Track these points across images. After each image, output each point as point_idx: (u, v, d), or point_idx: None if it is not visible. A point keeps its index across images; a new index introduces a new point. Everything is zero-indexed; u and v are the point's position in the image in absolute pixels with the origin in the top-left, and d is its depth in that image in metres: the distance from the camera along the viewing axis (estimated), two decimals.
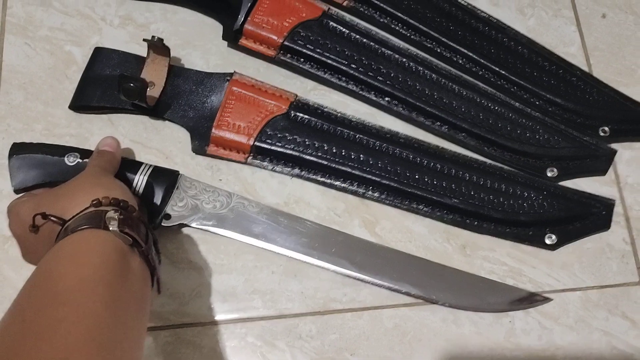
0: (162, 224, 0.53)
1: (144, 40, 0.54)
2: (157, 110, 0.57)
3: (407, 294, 0.52)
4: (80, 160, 0.53)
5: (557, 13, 0.62)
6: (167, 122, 0.57)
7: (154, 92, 0.56)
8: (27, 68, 0.59)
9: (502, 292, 0.53)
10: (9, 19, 0.60)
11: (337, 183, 0.55)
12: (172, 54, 0.56)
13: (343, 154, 0.55)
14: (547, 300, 0.53)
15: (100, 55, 0.58)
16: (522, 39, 0.60)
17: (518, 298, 0.53)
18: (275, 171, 0.56)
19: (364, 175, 0.55)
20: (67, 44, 0.60)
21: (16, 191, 0.54)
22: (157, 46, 0.55)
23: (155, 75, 0.56)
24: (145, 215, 0.52)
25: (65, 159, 0.53)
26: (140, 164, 0.53)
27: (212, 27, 0.61)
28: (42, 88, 0.58)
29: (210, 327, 0.52)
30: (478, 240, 0.55)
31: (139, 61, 0.57)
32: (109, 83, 0.56)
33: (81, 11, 0.61)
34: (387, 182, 0.54)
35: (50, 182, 0.53)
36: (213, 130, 0.55)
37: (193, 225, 0.53)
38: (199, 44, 0.60)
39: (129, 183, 0.52)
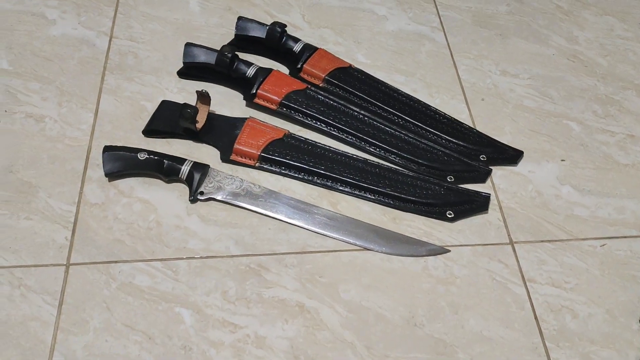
0: (198, 197, 0.82)
1: (196, 91, 0.89)
2: (199, 136, 0.89)
3: (356, 244, 0.80)
4: (148, 156, 0.83)
5: (453, 97, 0.99)
6: (204, 144, 0.89)
7: (198, 125, 0.88)
8: (115, 113, 0.92)
9: (419, 245, 0.81)
10: (104, 86, 0.95)
11: (313, 179, 0.86)
12: (210, 110, 0.90)
13: (317, 162, 0.86)
14: (448, 250, 0.80)
15: (164, 104, 0.92)
16: (431, 107, 0.95)
17: (430, 248, 0.80)
18: (273, 172, 0.86)
19: (331, 175, 0.85)
20: (142, 100, 0.94)
21: (107, 175, 0.83)
22: (204, 95, 0.89)
23: (200, 116, 0.89)
24: None
25: (138, 155, 0.84)
26: (185, 159, 0.84)
27: (234, 95, 0.95)
28: (124, 123, 0.91)
29: (229, 259, 0.78)
30: (403, 215, 0.84)
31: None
32: (169, 118, 0.89)
33: (153, 84, 0.96)
34: (345, 179, 0.85)
35: (126, 171, 0.84)
36: (235, 145, 0.87)
37: (218, 198, 0.82)
38: (227, 104, 0.94)
39: (177, 171, 0.82)
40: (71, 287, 0.75)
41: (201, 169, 0.84)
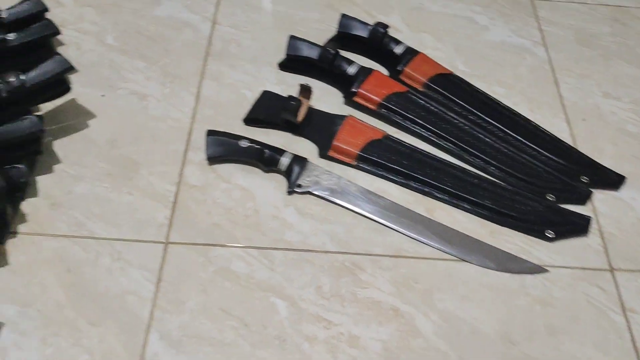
0: (296, 190, 0.82)
1: (300, 84, 0.89)
2: (298, 130, 0.89)
3: (453, 254, 0.79)
4: (250, 144, 0.84)
5: (554, 114, 0.96)
6: (301, 138, 0.89)
7: (299, 118, 0.88)
8: (216, 98, 0.93)
9: (518, 262, 0.79)
10: (206, 71, 0.96)
11: (409, 183, 0.85)
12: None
13: (414, 167, 0.85)
14: (546, 270, 0.78)
15: (265, 94, 0.92)
16: (531, 122, 0.93)
17: (528, 266, 0.79)
18: (370, 172, 0.86)
19: (428, 180, 0.84)
20: (242, 89, 0.94)
21: (208, 159, 0.84)
22: (307, 89, 0.89)
23: (301, 109, 0.89)
24: None
25: (240, 142, 0.84)
26: (285, 151, 0.84)
27: (333, 92, 0.95)
28: (224, 109, 0.91)
29: (324, 254, 0.77)
30: (501, 229, 0.82)
31: (283, 101, 0.90)
32: (269, 109, 0.90)
33: (254, 74, 0.96)
34: (443, 187, 0.84)
35: (227, 156, 0.84)
36: (334, 142, 0.86)
37: (314, 193, 0.82)
38: (325, 100, 0.94)
39: (276, 162, 0.82)
40: (169, 265, 0.75)
41: (300, 162, 0.83)
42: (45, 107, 0.87)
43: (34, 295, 0.72)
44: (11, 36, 0.83)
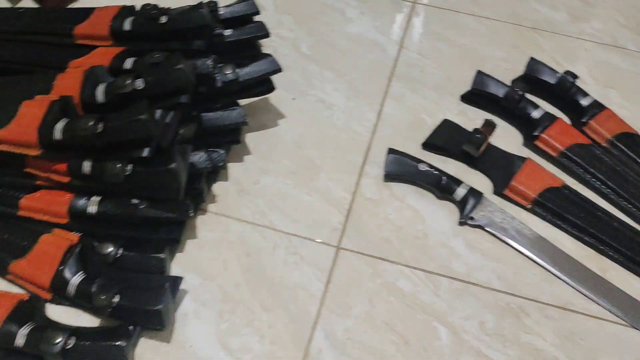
0: (468, 222, 0.83)
1: (485, 120, 0.89)
2: (475, 163, 0.90)
3: (624, 319, 0.76)
4: (428, 169, 0.85)
5: None
6: (477, 172, 0.90)
7: (479, 152, 0.89)
8: (396, 118, 0.95)
9: None
10: (390, 91, 0.99)
11: (585, 237, 0.83)
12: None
13: (591, 222, 0.83)
14: None
15: (446, 122, 0.94)
16: None
17: None
18: (544, 219, 0.85)
19: (605, 239, 0.82)
20: (422, 114, 0.97)
21: (385, 175, 0.87)
22: (490, 126, 0.89)
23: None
24: None
25: (419, 165, 0.86)
26: (462, 181, 0.85)
27: (511, 131, 0.95)
28: (403, 130, 0.94)
29: (490, 291, 0.77)
30: None
31: (464, 133, 0.91)
32: (449, 137, 0.91)
33: (435, 101, 0.99)
34: (620, 248, 0.81)
35: (404, 176, 0.86)
36: (512, 182, 0.86)
37: (487, 228, 0.82)
38: (503, 138, 0.94)
39: (452, 190, 0.83)
40: (339, 269, 0.78)
41: (476, 195, 0.84)
42: (243, 101, 0.94)
43: (216, 270, 0.77)
44: (227, 32, 0.91)
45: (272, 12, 1.10)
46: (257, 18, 0.94)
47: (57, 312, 0.72)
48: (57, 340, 0.65)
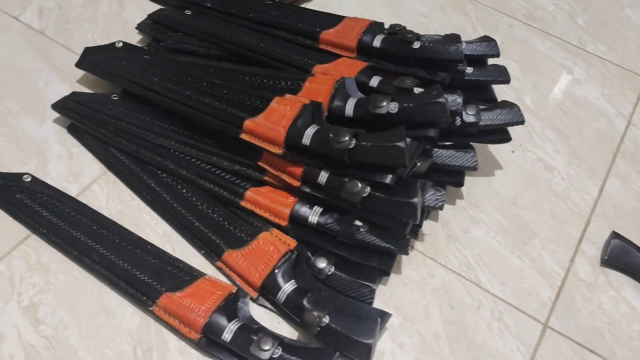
0: None
1: None
2: None
3: None
4: None
5: None
6: None
7: None
8: (619, 200, 0.88)
9: None
10: (614, 168, 0.92)
11: None
12: None
13: None
14: None
15: None
16: None
17: None
18: None
19: None
20: None
21: (605, 261, 0.80)
22: None
23: None
24: None
25: None
26: None
27: None
28: (627, 215, 0.86)
29: None
30: None
31: None
32: None
33: None
34: None
35: (627, 267, 0.79)
36: None
37: None
38: None
39: None
40: (544, 349, 0.73)
41: None
42: None
43: (417, 315, 0.74)
44: (469, 70, 0.87)
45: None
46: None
47: (258, 313, 0.71)
48: (267, 347, 0.63)
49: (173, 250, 0.76)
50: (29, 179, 0.79)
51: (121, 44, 0.91)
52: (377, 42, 0.84)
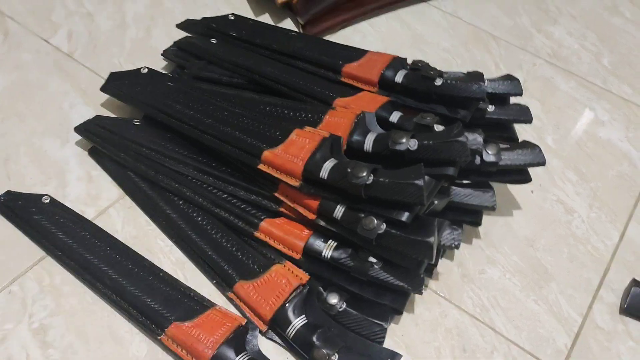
0: None
1: None
2: None
3: None
4: None
5: None
6: None
7: None
8: None
9: None
10: (636, 213, 0.90)
11: None
12: None
13: None
14: None
15: None
16: None
17: None
18: None
19: None
20: None
21: (625, 310, 0.78)
22: None
23: None
24: None
25: None
26: None
27: None
28: None
29: None
30: None
31: None
32: None
33: None
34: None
35: None
36: None
37: None
38: None
39: None
40: None
41: None
42: None
43: (428, 356, 0.72)
44: (490, 108, 0.87)
45: None
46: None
47: (266, 347, 0.71)
48: None
49: (185, 278, 0.75)
50: (48, 200, 0.80)
51: (146, 70, 0.93)
52: (399, 78, 0.84)
